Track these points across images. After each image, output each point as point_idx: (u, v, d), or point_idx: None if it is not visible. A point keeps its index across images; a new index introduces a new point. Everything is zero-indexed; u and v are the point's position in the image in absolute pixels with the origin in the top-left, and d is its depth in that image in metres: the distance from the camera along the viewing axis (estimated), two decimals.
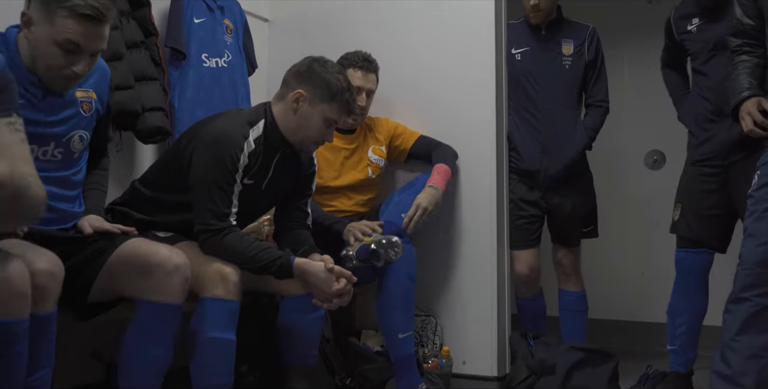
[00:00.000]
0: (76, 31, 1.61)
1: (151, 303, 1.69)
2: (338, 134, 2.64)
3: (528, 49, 2.88)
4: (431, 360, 2.62)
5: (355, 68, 2.60)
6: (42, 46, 1.64)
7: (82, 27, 1.62)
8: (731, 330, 1.79)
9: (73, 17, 1.60)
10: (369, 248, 2.26)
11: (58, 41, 1.62)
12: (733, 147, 2.42)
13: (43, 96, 1.71)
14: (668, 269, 2.64)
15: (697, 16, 2.56)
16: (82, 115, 1.82)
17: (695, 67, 2.61)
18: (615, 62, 3.06)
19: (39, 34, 1.63)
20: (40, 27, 1.63)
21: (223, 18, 2.81)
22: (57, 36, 1.61)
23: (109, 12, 1.65)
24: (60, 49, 1.63)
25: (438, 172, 2.61)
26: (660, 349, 3.05)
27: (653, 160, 3.98)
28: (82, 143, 1.84)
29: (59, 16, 1.60)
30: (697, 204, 2.52)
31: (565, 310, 2.94)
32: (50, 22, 1.61)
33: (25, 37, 1.66)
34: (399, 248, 2.28)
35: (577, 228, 2.92)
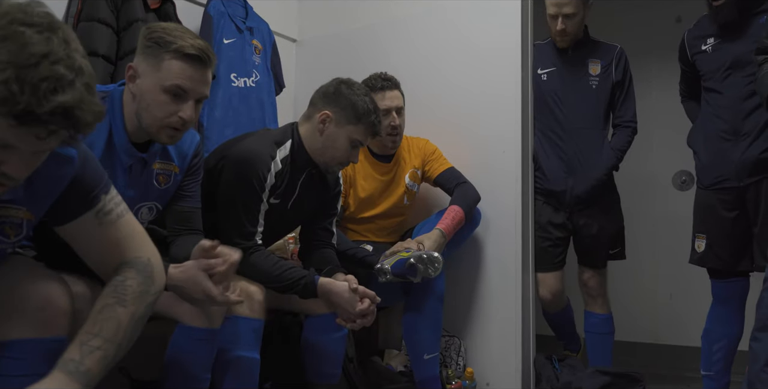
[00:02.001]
0: (182, 75, 1.61)
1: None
2: (376, 163, 2.64)
3: (554, 70, 2.88)
4: (455, 381, 2.60)
5: (375, 91, 2.54)
6: (148, 96, 1.62)
7: (189, 69, 1.61)
8: (759, 359, 1.75)
9: (179, 59, 1.60)
10: (407, 262, 2.24)
11: (166, 87, 1.60)
12: (748, 169, 2.38)
13: (130, 167, 1.68)
14: (697, 292, 2.61)
15: (713, 36, 2.53)
16: (155, 186, 1.78)
17: (709, 87, 2.56)
18: (643, 84, 3.05)
19: (145, 84, 1.62)
20: (146, 77, 1.62)
21: (252, 38, 2.86)
22: (164, 81, 1.60)
23: (213, 55, 1.66)
24: (167, 95, 1.61)
25: (452, 217, 2.51)
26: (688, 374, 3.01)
27: (681, 181, 3.94)
28: (150, 215, 1.82)
29: (165, 60, 1.60)
30: (723, 234, 2.46)
31: (591, 332, 2.90)
32: (157, 68, 1.61)
33: (131, 92, 1.65)
34: (439, 264, 2.25)
35: (603, 250, 2.89)
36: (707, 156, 2.52)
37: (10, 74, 0.97)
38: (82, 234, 1.31)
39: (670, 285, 3.85)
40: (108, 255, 1.32)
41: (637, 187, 3.66)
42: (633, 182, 3.45)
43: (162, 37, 1.62)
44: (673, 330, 3.74)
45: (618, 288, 3.19)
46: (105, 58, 2.30)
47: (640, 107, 2.95)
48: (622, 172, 2.94)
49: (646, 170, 3.92)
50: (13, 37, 0.99)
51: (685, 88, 2.79)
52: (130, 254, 1.33)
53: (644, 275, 3.88)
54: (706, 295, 2.59)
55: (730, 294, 2.48)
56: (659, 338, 3.81)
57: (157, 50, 1.61)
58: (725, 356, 2.49)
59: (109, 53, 2.31)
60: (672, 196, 3.93)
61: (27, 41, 0.99)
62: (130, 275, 1.29)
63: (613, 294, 2.99)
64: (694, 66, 2.62)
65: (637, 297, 3.80)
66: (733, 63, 2.44)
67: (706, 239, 2.50)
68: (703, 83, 2.60)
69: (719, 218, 2.47)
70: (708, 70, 2.55)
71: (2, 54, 0.98)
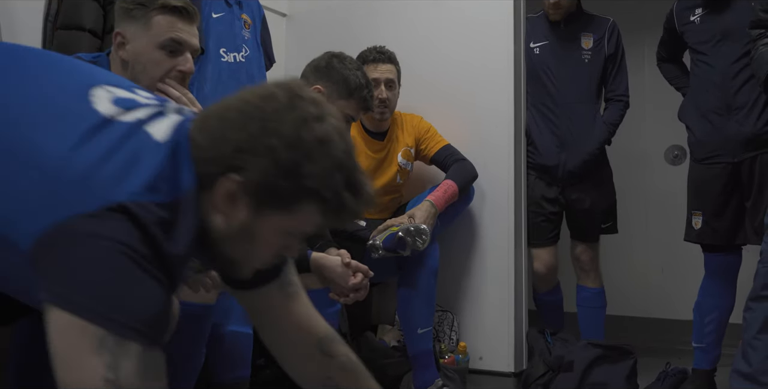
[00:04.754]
0: (174, 27, 1.61)
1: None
2: (369, 140, 2.62)
3: (547, 43, 2.86)
4: (448, 355, 2.62)
5: (367, 63, 2.53)
6: (143, 57, 1.60)
7: (179, 21, 1.61)
8: (753, 328, 1.77)
9: (167, 13, 1.60)
10: (396, 236, 2.25)
11: (160, 43, 1.59)
12: (742, 144, 2.38)
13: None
14: (688, 266, 2.62)
15: (700, 7, 2.52)
16: None
17: (698, 59, 2.54)
18: (635, 58, 3.03)
19: (138, 47, 1.60)
20: (137, 39, 1.60)
21: (241, 13, 2.81)
22: (158, 38, 1.59)
23: (195, 10, 1.66)
24: (162, 52, 1.61)
25: (443, 189, 2.49)
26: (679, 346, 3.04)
27: (674, 155, 3.94)
28: None
29: (154, 17, 1.60)
30: (719, 209, 2.46)
31: (583, 306, 2.92)
32: (147, 27, 1.60)
33: (121, 59, 1.63)
34: (426, 235, 2.25)
35: (596, 224, 2.89)
36: (700, 131, 2.52)
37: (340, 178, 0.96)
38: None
39: (662, 260, 3.87)
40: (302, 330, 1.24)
41: (628, 162, 3.66)
42: (625, 156, 3.45)
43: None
44: (664, 304, 3.77)
45: (609, 263, 3.21)
46: (92, 33, 2.26)
47: (632, 82, 2.95)
48: (614, 147, 2.94)
49: (638, 145, 3.91)
50: (327, 138, 0.96)
51: (665, 51, 2.79)
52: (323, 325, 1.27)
53: (636, 250, 3.90)
54: (696, 269, 2.61)
55: (723, 267, 2.50)
56: (650, 312, 3.84)
57: (143, 10, 1.60)
58: (717, 328, 2.51)
59: (95, 27, 2.28)
60: (664, 171, 3.94)
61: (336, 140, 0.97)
62: (346, 349, 1.25)
63: (604, 268, 3.00)
64: (681, 38, 2.60)
65: (628, 272, 3.82)
66: (723, 35, 2.43)
67: (702, 216, 2.50)
68: (692, 55, 2.59)
69: (714, 193, 2.47)
70: (697, 42, 2.54)
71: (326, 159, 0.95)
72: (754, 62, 2.14)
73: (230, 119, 0.96)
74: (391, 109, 2.62)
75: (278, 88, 0.98)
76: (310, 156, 0.93)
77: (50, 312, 0.85)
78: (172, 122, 1.01)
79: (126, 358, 0.83)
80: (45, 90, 1.04)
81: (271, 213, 0.96)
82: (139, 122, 0.99)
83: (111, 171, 0.91)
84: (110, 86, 1.07)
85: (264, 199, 0.95)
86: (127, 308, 0.85)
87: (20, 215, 0.90)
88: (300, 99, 0.97)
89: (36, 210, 0.89)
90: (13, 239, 0.90)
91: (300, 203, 0.96)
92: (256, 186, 0.94)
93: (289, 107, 0.95)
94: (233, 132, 0.94)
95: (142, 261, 0.88)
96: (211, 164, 0.95)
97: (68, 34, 2.23)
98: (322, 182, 0.94)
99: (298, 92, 0.98)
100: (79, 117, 0.98)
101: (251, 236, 0.98)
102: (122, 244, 0.86)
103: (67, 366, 0.84)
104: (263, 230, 0.98)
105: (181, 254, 0.94)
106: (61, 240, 0.87)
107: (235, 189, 0.94)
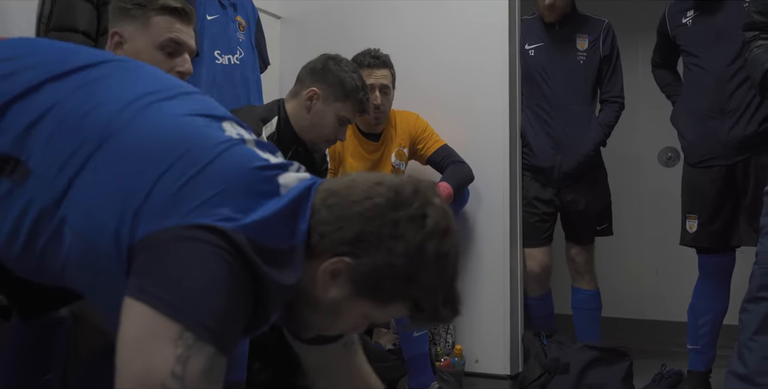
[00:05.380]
0: (173, 28, 1.61)
1: None
2: (364, 141, 2.62)
3: (542, 45, 2.86)
4: (444, 358, 2.61)
5: (362, 68, 2.48)
6: (142, 57, 1.57)
7: (178, 22, 1.62)
8: (749, 329, 1.77)
9: (167, 14, 1.60)
10: None
11: (160, 43, 1.60)
12: (736, 147, 2.38)
13: None
14: (682, 267, 2.63)
15: (692, 9, 2.51)
16: None
17: (691, 63, 2.53)
18: (630, 60, 3.04)
19: (136, 46, 1.60)
20: (136, 39, 1.60)
21: (236, 15, 2.80)
22: (157, 38, 1.59)
23: (192, 11, 1.66)
24: (161, 53, 1.61)
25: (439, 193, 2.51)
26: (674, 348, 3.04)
27: (667, 157, 3.95)
28: None
29: (153, 17, 1.59)
30: (714, 212, 2.46)
31: (578, 308, 2.92)
32: (146, 28, 1.60)
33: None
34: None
35: (590, 226, 2.89)
36: (693, 134, 2.51)
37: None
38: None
39: (656, 261, 3.87)
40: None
41: (622, 164, 3.66)
42: (618, 158, 3.46)
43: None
44: (659, 305, 3.77)
45: (603, 265, 3.21)
46: (85, 34, 2.24)
47: (626, 83, 2.95)
48: (608, 148, 2.94)
49: (632, 147, 3.92)
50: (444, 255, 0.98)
51: (659, 57, 2.78)
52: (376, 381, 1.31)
53: (630, 252, 3.90)
54: (690, 271, 2.61)
55: (717, 269, 2.50)
56: (644, 313, 3.85)
57: (141, 10, 1.60)
58: (711, 330, 2.51)
59: (89, 29, 2.25)
60: (658, 173, 3.94)
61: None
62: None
63: (598, 270, 3.00)
64: (674, 41, 2.60)
65: (622, 274, 3.82)
66: (715, 36, 2.42)
67: (698, 219, 2.49)
68: (685, 58, 2.59)
69: (709, 197, 2.46)
70: (689, 44, 2.53)
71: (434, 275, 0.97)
72: (748, 64, 2.14)
73: (361, 205, 0.97)
74: (385, 114, 2.62)
75: (413, 190, 0.99)
76: (424, 269, 0.96)
77: (132, 305, 0.86)
78: (299, 178, 1.03)
79: (198, 355, 0.84)
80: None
81: (364, 300, 0.99)
82: (270, 163, 1.02)
83: (237, 199, 0.94)
84: (237, 124, 1.10)
85: (364, 289, 0.97)
86: (211, 311, 0.87)
87: (142, 215, 0.92)
88: (432, 207, 0.99)
89: (160, 211, 0.91)
90: (122, 237, 0.92)
91: (395, 303, 0.99)
92: (363, 276, 0.96)
93: (422, 216, 0.97)
94: (360, 220, 0.96)
95: (240, 273, 0.90)
96: (327, 240, 0.97)
97: (61, 35, 2.21)
98: (425, 295, 0.97)
99: (432, 200, 0.99)
100: (216, 134, 1.02)
101: (337, 312, 1.01)
102: (226, 251, 0.88)
103: (136, 351, 0.85)
104: (350, 310, 1.01)
105: (288, 285, 0.95)
106: (166, 240, 0.89)
107: (342, 270, 0.96)
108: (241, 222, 0.91)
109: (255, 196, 0.95)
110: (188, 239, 0.88)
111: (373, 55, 2.58)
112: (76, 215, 0.95)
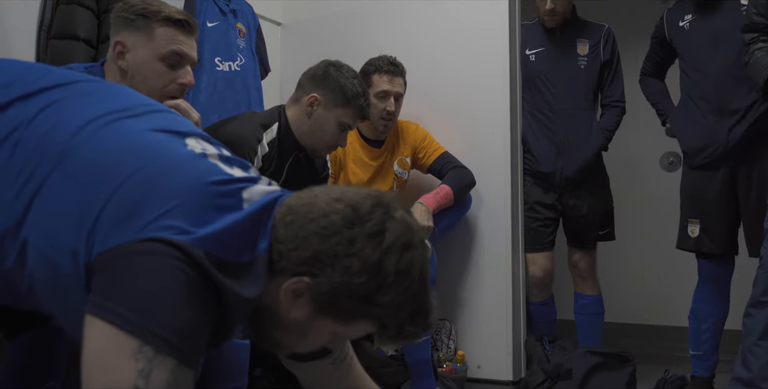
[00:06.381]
0: (176, 40, 1.60)
1: None
2: (366, 147, 2.62)
3: (542, 50, 2.86)
4: (446, 364, 2.60)
5: (380, 73, 2.52)
6: (145, 68, 1.59)
7: (180, 34, 1.61)
8: (753, 334, 1.77)
9: (170, 26, 1.60)
10: None
11: (163, 54, 1.59)
12: (737, 148, 2.36)
13: None
14: (685, 272, 2.61)
15: (690, 13, 2.51)
16: None
17: (689, 67, 2.53)
18: (631, 64, 3.04)
19: (139, 57, 1.59)
20: (138, 49, 1.59)
21: (236, 21, 2.81)
22: (160, 49, 1.59)
23: (195, 23, 1.66)
24: (163, 64, 1.60)
25: (435, 192, 2.50)
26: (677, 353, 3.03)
27: (669, 162, 3.95)
28: None
29: (156, 29, 1.59)
30: (716, 217, 2.44)
31: (580, 313, 2.91)
32: (149, 39, 1.59)
33: (120, 69, 1.61)
34: (428, 252, 2.24)
35: (593, 230, 2.89)
36: (694, 136, 2.49)
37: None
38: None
39: (658, 266, 3.86)
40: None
41: (624, 168, 3.67)
42: (620, 163, 3.46)
43: (146, 8, 1.60)
44: (661, 310, 3.76)
45: (606, 270, 3.20)
46: (86, 42, 2.25)
47: (627, 88, 2.94)
48: (609, 153, 2.94)
49: (634, 152, 3.92)
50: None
51: (651, 66, 2.78)
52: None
53: (632, 257, 3.90)
54: (693, 275, 2.60)
55: (718, 273, 2.49)
56: (647, 318, 3.84)
57: (145, 21, 1.59)
58: (713, 335, 2.50)
59: (89, 37, 2.27)
60: (659, 177, 3.94)
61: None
62: None
63: (600, 275, 3.00)
64: (670, 45, 2.60)
65: (625, 279, 3.82)
66: (714, 40, 2.41)
67: (699, 224, 2.48)
68: (682, 63, 2.58)
69: (710, 200, 2.44)
70: (687, 48, 2.52)
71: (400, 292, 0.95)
72: (750, 68, 2.13)
73: (317, 223, 0.95)
74: (394, 121, 2.62)
75: (375, 205, 0.97)
76: (384, 286, 0.94)
77: (92, 322, 0.86)
78: (265, 191, 1.01)
79: (159, 369, 0.84)
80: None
81: (328, 319, 0.97)
82: (233, 177, 1.00)
83: (192, 213, 0.92)
84: (202, 139, 1.08)
85: (325, 308, 0.96)
86: (170, 323, 0.86)
87: (98, 232, 0.91)
88: (393, 222, 0.96)
89: (114, 228, 0.90)
90: (84, 255, 0.91)
91: (359, 320, 0.97)
92: (322, 296, 0.94)
93: (379, 232, 0.95)
94: (316, 239, 0.94)
95: (197, 285, 0.89)
96: (285, 260, 0.95)
97: (62, 43, 2.22)
98: (388, 312, 0.96)
99: (392, 214, 0.97)
100: (176, 149, 1.01)
101: (303, 331, 1.00)
102: (183, 263, 0.88)
103: (98, 368, 0.85)
104: (316, 329, 1.00)
105: (248, 297, 0.94)
106: (123, 256, 0.88)
107: (302, 289, 0.95)
108: (196, 235, 0.89)
109: (212, 209, 0.93)
110: (144, 254, 0.87)
111: (392, 62, 2.57)
112: (38, 235, 0.95)
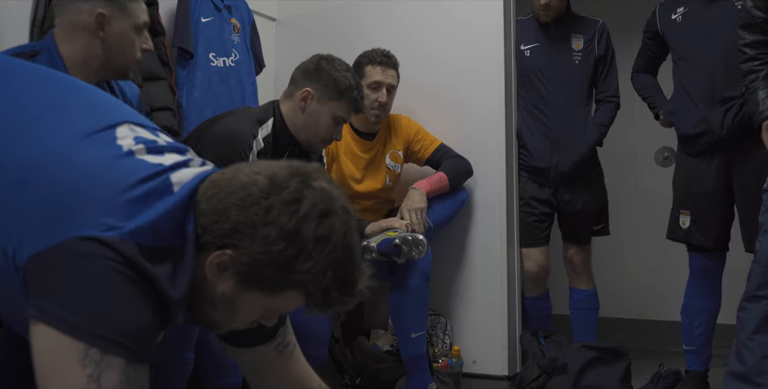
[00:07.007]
0: (144, 10, 1.72)
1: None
2: (358, 139, 2.61)
3: (537, 45, 2.86)
4: (441, 359, 2.60)
5: (373, 64, 2.53)
6: (126, 39, 1.68)
7: (143, 5, 1.74)
8: (747, 328, 1.77)
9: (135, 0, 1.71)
10: (392, 242, 2.23)
11: (138, 25, 1.70)
12: (731, 137, 2.35)
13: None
14: (679, 267, 2.62)
15: (682, 5, 2.51)
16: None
17: (681, 59, 2.53)
18: (625, 59, 3.03)
19: (119, 29, 1.67)
20: (118, 22, 1.67)
21: (231, 17, 2.80)
22: (136, 20, 1.69)
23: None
24: (135, 33, 1.70)
25: (428, 177, 2.52)
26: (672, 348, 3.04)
27: (663, 157, 3.95)
28: None
29: (128, 2, 1.68)
30: (708, 209, 2.43)
31: (575, 308, 2.91)
32: (124, 13, 1.68)
33: (99, 39, 1.66)
34: (424, 247, 2.24)
35: (588, 225, 2.89)
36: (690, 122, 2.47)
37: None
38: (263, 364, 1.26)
39: (652, 261, 3.87)
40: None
41: (619, 163, 3.66)
42: (615, 158, 3.45)
43: None
44: (656, 305, 3.77)
45: (600, 265, 3.20)
46: None
47: (622, 83, 2.94)
48: (604, 148, 2.94)
49: (628, 147, 3.92)
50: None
51: (643, 62, 2.79)
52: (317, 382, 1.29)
53: (626, 251, 3.90)
54: (687, 270, 2.60)
55: (710, 268, 2.49)
56: (642, 313, 3.85)
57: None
58: (705, 331, 2.50)
59: None
60: (654, 172, 3.94)
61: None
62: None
63: (596, 270, 3.00)
64: (662, 40, 2.60)
65: (619, 274, 3.82)
66: (706, 32, 2.40)
67: (690, 215, 2.48)
68: (675, 56, 2.57)
69: (704, 193, 2.44)
70: (679, 40, 2.52)
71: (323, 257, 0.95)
72: (747, 102, 2.09)
73: (236, 196, 0.96)
74: (386, 113, 2.62)
75: (292, 174, 0.98)
76: (304, 252, 0.94)
77: (36, 327, 0.85)
78: (194, 173, 1.01)
79: (109, 370, 0.84)
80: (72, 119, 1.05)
81: (254, 291, 0.97)
82: (163, 167, 1.00)
83: (119, 209, 0.92)
84: (134, 125, 1.08)
85: (249, 280, 0.96)
86: (112, 323, 0.86)
87: (24, 234, 0.91)
88: (311, 190, 0.96)
89: (41, 231, 0.90)
90: (12, 256, 0.91)
91: (284, 291, 0.97)
92: (244, 267, 0.95)
93: (296, 199, 0.95)
94: (235, 211, 0.95)
95: (134, 280, 0.89)
96: (209, 234, 0.96)
97: None
98: (311, 279, 0.95)
99: (311, 183, 0.97)
100: (105, 147, 1.00)
101: (232, 305, 0.99)
102: (113, 261, 0.87)
103: (50, 375, 0.84)
104: (244, 303, 0.99)
105: (179, 296, 0.94)
106: (55, 258, 0.88)
107: (226, 262, 0.95)
108: (125, 229, 0.90)
109: (140, 201, 0.93)
110: (77, 255, 0.87)
111: (385, 54, 2.59)
112: None
